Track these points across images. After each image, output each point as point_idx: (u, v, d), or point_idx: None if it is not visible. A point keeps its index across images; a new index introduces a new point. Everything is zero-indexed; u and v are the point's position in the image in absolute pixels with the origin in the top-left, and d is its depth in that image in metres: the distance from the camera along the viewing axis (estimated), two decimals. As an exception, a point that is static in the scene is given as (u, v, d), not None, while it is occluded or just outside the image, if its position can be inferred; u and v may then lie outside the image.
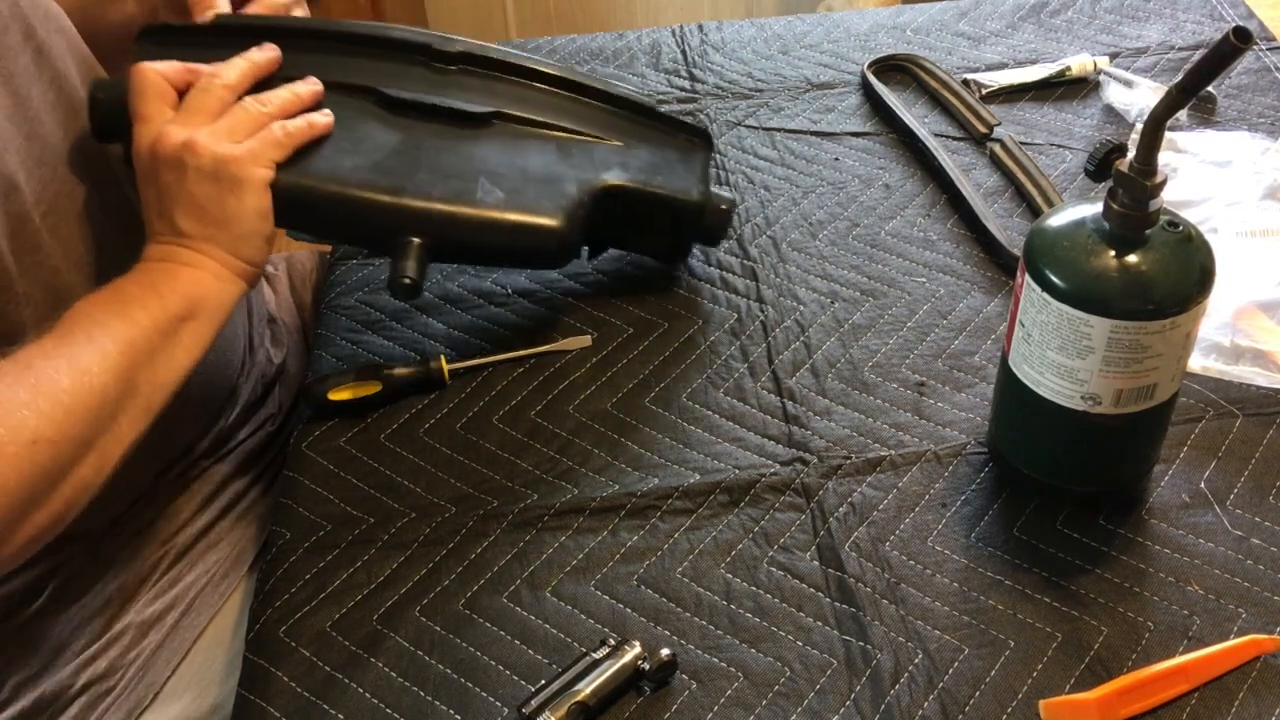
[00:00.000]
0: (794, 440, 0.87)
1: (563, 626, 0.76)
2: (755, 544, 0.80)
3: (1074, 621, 0.74)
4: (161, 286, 0.76)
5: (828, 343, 0.94)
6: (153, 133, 0.78)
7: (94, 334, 0.72)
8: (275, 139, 0.80)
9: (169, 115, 0.79)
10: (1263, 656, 0.71)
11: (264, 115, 0.81)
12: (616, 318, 0.97)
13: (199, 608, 0.90)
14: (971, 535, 0.80)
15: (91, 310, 0.73)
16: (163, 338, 0.75)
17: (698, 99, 1.22)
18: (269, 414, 1.00)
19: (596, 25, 2.42)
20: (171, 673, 0.87)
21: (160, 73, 0.80)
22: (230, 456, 0.96)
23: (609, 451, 0.87)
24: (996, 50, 1.26)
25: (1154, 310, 0.69)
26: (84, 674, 0.84)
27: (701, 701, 0.71)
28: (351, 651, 0.75)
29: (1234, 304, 0.93)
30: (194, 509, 0.92)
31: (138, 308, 0.74)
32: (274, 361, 1.03)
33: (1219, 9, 1.29)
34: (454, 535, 0.82)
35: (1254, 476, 0.82)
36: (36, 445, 0.67)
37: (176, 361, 0.76)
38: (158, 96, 0.79)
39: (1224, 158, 1.08)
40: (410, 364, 0.91)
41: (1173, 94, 0.66)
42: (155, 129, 0.78)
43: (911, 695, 0.71)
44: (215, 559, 0.92)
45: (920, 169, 1.12)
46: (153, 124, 0.78)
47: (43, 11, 0.83)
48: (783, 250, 1.03)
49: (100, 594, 0.87)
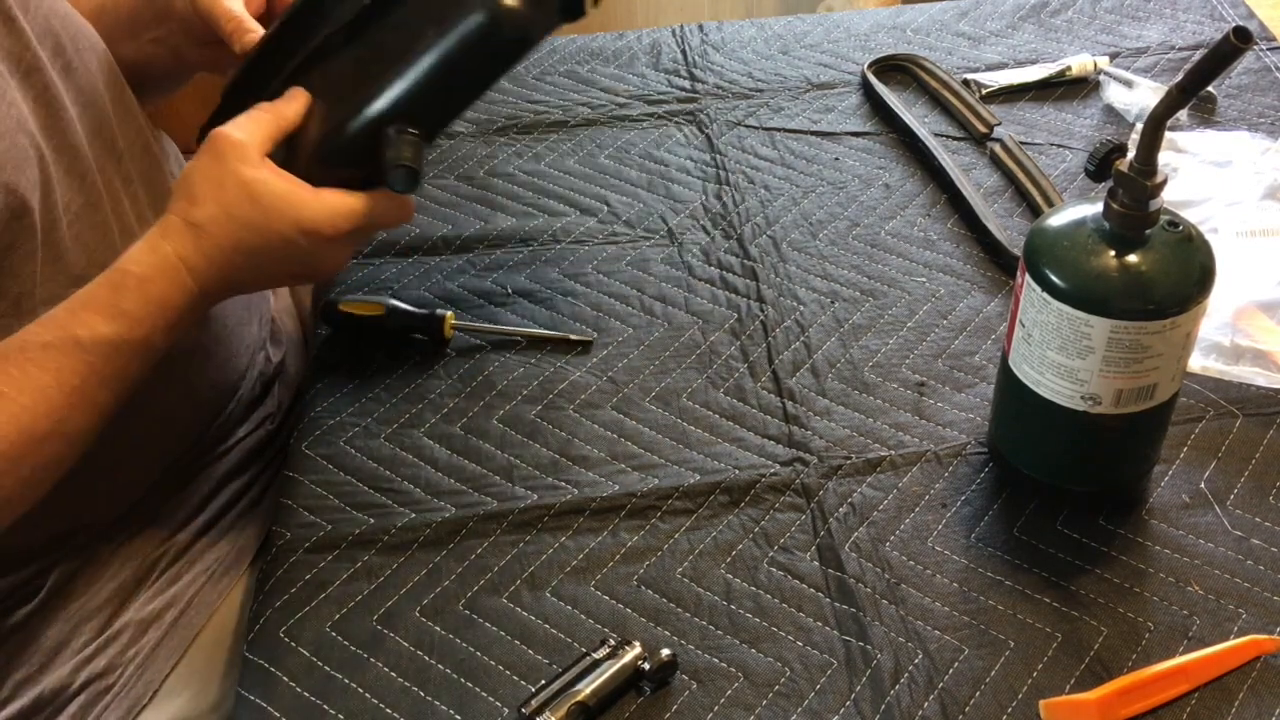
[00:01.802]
0: (794, 440, 0.87)
1: (563, 627, 0.76)
2: (755, 544, 0.80)
3: (1074, 621, 0.74)
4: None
5: (828, 343, 0.94)
6: (334, 226, 0.76)
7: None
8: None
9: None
10: (1263, 656, 0.71)
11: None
12: (616, 318, 0.97)
13: (198, 606, 0.90)
14: (971, 535, 0.80)
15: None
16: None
17: (698, 99, 1.22)
18: (268, 413, 1.00)
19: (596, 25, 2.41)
20: (170, 671, 0.87)
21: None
22: (229, 456, 0.96)
23: (609, 451, 0.87)
24: (996, 50, 1.26)
25: (1154, 310, 0.69)
26: (83, 672, 0.84)
27: (701, 701, 0.71)
28: (351, 651, 0.75)
29: (1234, 304, 0.93)
30: (193, 508, 0.92)
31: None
32: (273, 361, 1.03)
33: (1219, 9, 1.29)
34: (454, 535, 0.82)
35: (1254, 477, 0.82)
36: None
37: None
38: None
39: (1224, 158, 1.08)
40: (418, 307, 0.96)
41: (1173, 94, 0.66)
42: (337, 228, 0.77)
43: (911, 695, 0.71)
44: (214, 558, 0.92)
45: (920, 169, 1.12)
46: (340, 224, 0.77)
47: (74, 29, 0.83)
48: (783, 250, 1.03)
49: (99, 592, 0.87)
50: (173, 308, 0.74)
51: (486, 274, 1.02)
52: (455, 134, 1.19)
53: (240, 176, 0.74)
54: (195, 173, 0.75)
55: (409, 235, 1.06)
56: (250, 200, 0.74)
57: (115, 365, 0.73)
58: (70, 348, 0.72)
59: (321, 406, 0.91)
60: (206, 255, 0.75)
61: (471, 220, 1.08)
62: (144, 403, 0.87)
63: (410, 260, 1.04)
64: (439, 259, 1.04)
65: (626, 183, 1.12)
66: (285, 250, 0.76)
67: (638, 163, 1.14)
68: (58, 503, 0.84)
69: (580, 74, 1.26)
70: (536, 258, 1.04)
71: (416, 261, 1.04)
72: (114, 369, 0.73)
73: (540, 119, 1.20)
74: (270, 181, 0.75)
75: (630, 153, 1.15)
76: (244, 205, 0.74)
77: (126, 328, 0.73)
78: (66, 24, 0.83)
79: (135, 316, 0.73)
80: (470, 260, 1.04)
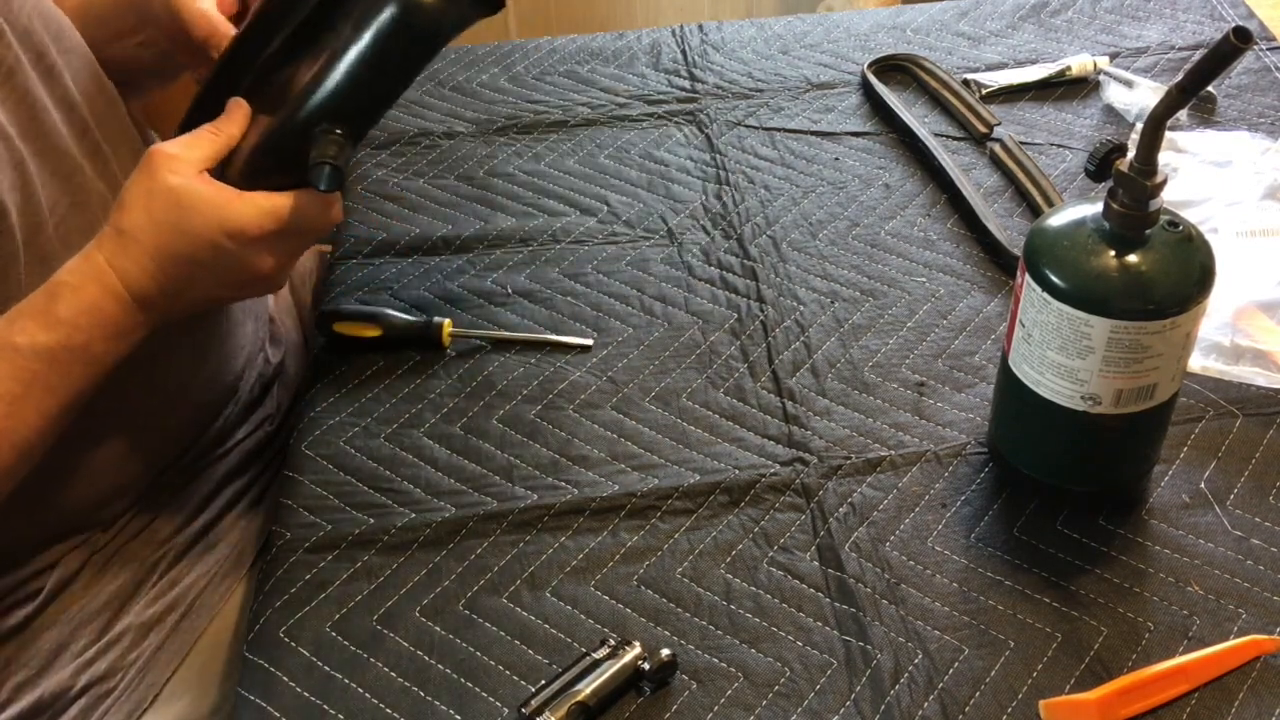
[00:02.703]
0: (794, 440, 0.87)
1: (563, 627, 0.76)
2: (755, 544, 0.80)
3: (1074, 621, 0.74)
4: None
5: (828, 343, 0.94)
6: (260, 226, 0.76)
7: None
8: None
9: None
10: (1263, 656, 0.71)
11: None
12: (616, 318, 0.97)
13: (199, 609, 0.90)
14: (971, 535, 0.80)
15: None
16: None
17: (698, 99, 1.22)
18: (267, 414, 1.00)
19: (596, 25, 2.42)
20: (172, 674, 0.87)
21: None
22: (229, 456, 0.96)
23: (609, 451, 0.87)
24: (996, 50, 1.26)
25: (1154, 310, 0.69)
26: (84, 675, 0.84)
27: (701, 702, 0.71)
28: (351, 652, 0.75)
29: (1234, 304, 0.93)
30: (193, 509, 0.92)
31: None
32: (272, 361, 1.03)
33: (1219, 9, 1.29)
34: (454, 535, 0.82)
35: (1254, 476, 0.82)
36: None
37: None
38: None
39: (1224, 158, 1.08)
40: (413, 317, 0.96)
41: (1173, 94, 0.66)
42: (262, 227, 0.77)
43: (911, 695, 0.71)
44: (215, 559, 0.92)
45: (920, 169, 1.12)
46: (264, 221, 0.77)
47: (56, 29, 0.83)
48: (783, 250, 1.03)
49: (99, 595, 0.87)
50: (108, 315, 0.75)
51: (486, 274, 1.02)
52: (455, 134, 1.19)
53: (167, 184, 0.75)
54: (129, 185, 0.76)
55: (409, 235, 1.06)
56: (176, 206, 0.75)
57: (58, 373, 0.74)
58: (10, 355, 0.72)
59: (321, 406, 0.91)
60: (136, 262, 0.75)
61: (471, 220, 1.08)
62: (142, 404, 0.87)
63: (410, 260, 1.04)
64: (439, 259, 1.04)
65: (626, 183, 1.12)
66: (214, 255, 0.76)
67: (638, 163, 1.14)
68: (57, 505, 0.84)
69: (580, 74, 1.27)
70: (536, 258, 1.04)
71: (416, 261, 1.04)
72: (58, 377, 0.74)
73: (540, 119, 1.20)
74: (197, 188, 0.75)
75: (630, 153, 1.15)
76: (170, 211, 0.75)
77: (64, 335, 0.73)
78: (49, 25, 0.83)
79: (72, 324, 0.73)
80: (470, 260, 1.04)
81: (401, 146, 1.18)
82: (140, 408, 0.87)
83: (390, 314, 0.95)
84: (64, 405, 0.75)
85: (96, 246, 0.75)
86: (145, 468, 0.90)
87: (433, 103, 1.23)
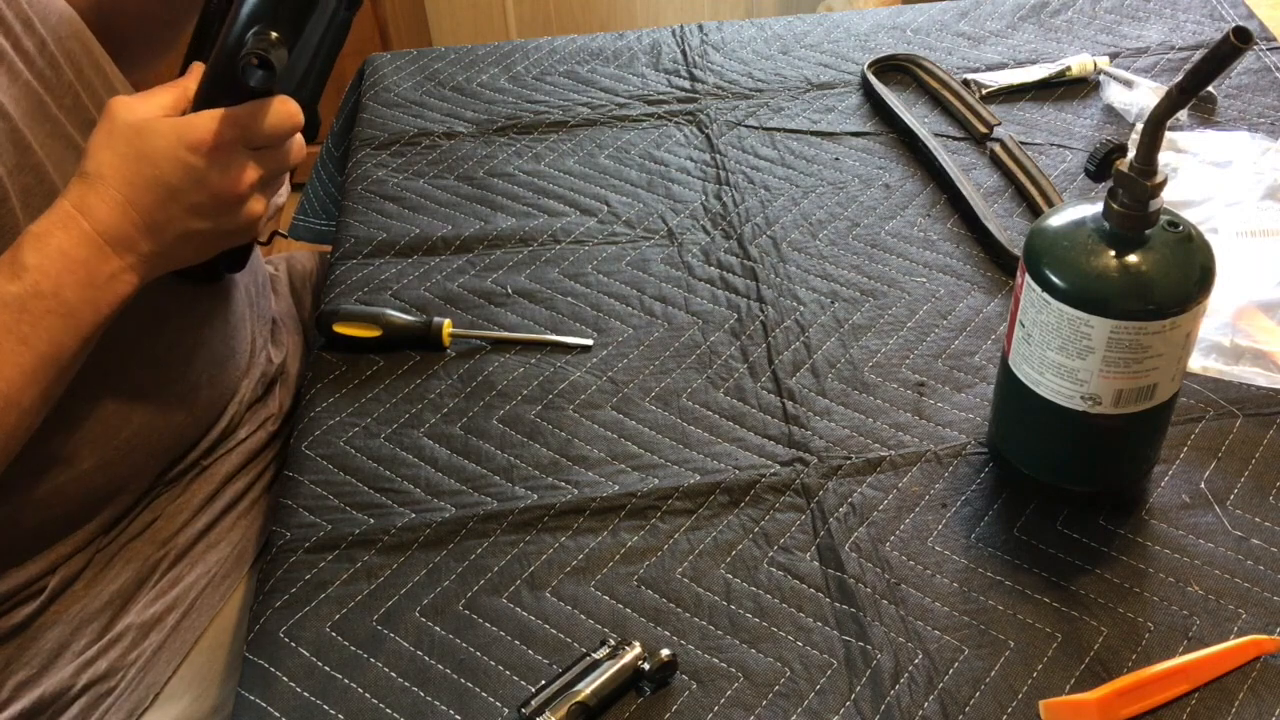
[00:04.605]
0: (794, 440, 0.87)
1: (563, 627, 0.76)
2: (755, 544, 0.80)
3: (1074, 622, 0.74)
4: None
5: (828, 343, 0.94)
6: (218, 134, 0.75)
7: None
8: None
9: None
10: (1263, 657, 0.71)
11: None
12: (616, 318, 0.97)
13: (199, 608, 0.90)
14: (971, 536, 0.80)
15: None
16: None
17: (698, 99, 1.22)
18: (269, 414, 1.00)
19: (596, 25, 2.42)
20: (172, 674, 0.87)
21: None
22: (230, 456, 0.96)
23: (609, 451, 0.87)
24: (996, 50, 1.26)
25: (1154, 310, 0.69)
26: (84, 675, 0.84)
27: (701, 702, 0.71)
28: (351, 652, 0.75)
29: (1234, 304, 0.93)
30: (194, 509, 0.92)
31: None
32: (274, 361, 1.03)
33: (1219, 9, 1.29)
34: (454, 535, 0.82)
35: (1254, 477, 0.82)
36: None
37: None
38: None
39: (1224, 158, 1.08)
40: (413, 317, 0.96)
41: (1173, 94, 0.66)
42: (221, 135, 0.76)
43: (911, 695, 0.71)
44: (215, 559, 0.92)
45: (920, 169, 1.12)
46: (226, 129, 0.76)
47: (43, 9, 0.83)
48: (783, 250, 1.03)
49: (100, 594, 0.87)
50: (77, 260, 0.74)
51: (486, 274, 1.02)
52: (455, 134, 1.19)
53: (126, 121, 0.75)
54: (93, 135, 0.76)
55: (409, 235, 1.06)
56: (137, 135, 0.75)
57: (28, 322, 0.73)
58: None
59: (321, 406, 0.92)
60: (104, 199, 0.74)
61: (471, 220, 1.08)
62: (144, 403, 0.87)
63: (410, 260, 1.04)
64: (439, 259, 1.04)
65: (626, 183, 1.12)
66: (181, 174, 0.75)
67: (638, 163, 1.14)
68: (59, 504, 0.84)
69: (580, 74, 1.27)
70: (536, 258, 1.04)
71: (416, 261, 1.04)
72: (29, 326, 0.73)
73: (540, 119, 1.20)
74: (155, 119, 0.76)
75: (630, 153, 1.15)
76: (132, 142, 0.75)
77: (32, 282, 0.72)
78: (23, 7, 0.82)
79: (39, 270, 0.73)
80: (470, 260, 1.04)
81: (401, 146, 1.18)
82: (143, 407, 0.87)
83: (390, 314, 0.95)
84: (42, 357, 0.74)
85: (63, 195, 0.75)
86: (146, 467, 0.90)
87: (433, 103, 1.23)
